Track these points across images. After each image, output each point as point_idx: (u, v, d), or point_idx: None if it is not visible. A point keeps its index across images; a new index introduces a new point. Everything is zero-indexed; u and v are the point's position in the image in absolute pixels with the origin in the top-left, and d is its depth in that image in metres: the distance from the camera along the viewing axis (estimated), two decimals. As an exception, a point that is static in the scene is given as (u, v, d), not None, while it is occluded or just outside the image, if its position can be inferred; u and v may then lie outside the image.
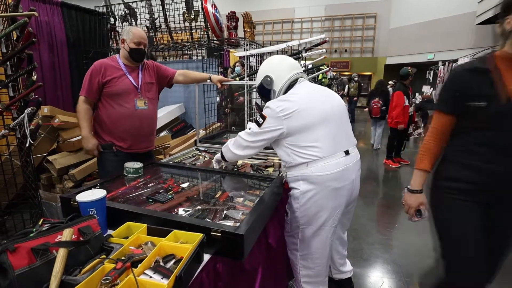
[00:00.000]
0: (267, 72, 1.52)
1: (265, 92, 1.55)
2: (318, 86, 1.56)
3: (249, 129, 1.47)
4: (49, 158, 2.45)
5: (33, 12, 1.71)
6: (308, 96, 1.43)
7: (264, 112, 1.42)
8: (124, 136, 1.83)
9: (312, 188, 1.38)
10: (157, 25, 3.50)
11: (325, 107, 1.42)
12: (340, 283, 1.91)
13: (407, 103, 4.58)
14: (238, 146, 1.50)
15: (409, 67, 4.62)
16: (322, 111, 1.39)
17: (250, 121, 2.66)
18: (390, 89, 11.92)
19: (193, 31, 3.49)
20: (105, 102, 1.81)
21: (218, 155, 1.65)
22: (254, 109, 2.72)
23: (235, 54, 3.55)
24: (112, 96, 1.79)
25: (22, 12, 1.81)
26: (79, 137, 2.54)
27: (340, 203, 1.43)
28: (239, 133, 1.52)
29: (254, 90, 2.46)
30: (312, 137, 1.37)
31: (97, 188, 1.20)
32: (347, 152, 1.41)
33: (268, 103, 1.43)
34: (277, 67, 1.52)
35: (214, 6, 3.20)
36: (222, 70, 4.29)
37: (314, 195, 1.38)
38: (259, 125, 1.42)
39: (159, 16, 3.45)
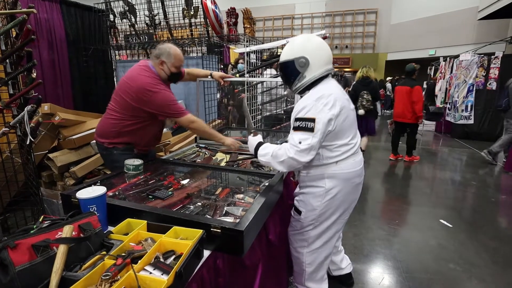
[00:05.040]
0: (305, 52, 1.33)
1: (291, 71, 1.36)
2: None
3: (299, 142, 1.26)
4: (50, 155, 2.45)
5: (31, 9, 1.71)
6: (343, 94, 1.39)
7: (309, 113, 1.26)
8: (145, 144, 1.87)
9: (337, 185, 1.39)
10: (157, 21, 3.48)
11: (351, 106, 1.43)
12: (340, 279, 1.92)
13: None
14: (289, 167, 1.33)
15: (414, 64, 4.66)
16: (352, 110, 1.42)
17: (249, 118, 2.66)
18: (389, 85, 11.85)
19: (193, 27, 3.47)
20: (148, 121, 1.75)
21: (252, 149, 1.48)
22: (255, 106, 2.71)
23: (235, 50, 3.53)
24: (156, 117, 1.75)
25: (21, 9, 1.81)
26: (80, 135, 2.55)
27: (357, 197, 1.51)
28: (288, 152, 1.28)
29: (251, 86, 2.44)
30: (350, 135, 1.38)
31: (97, 185, 1.20)
32: (361, 150, 1.49)
33: (305, 103, 1.29)
34: (318, 53, 1.34)
35: (214, 2, 3.18)
36: (222, 67, 4.27)
37: (338, 191, 1.39)
38: (311, 130, 1.25)
39: (158, 13, 3.43)
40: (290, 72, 1.38)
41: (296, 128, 1.29)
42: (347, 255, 1.97)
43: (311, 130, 1.24)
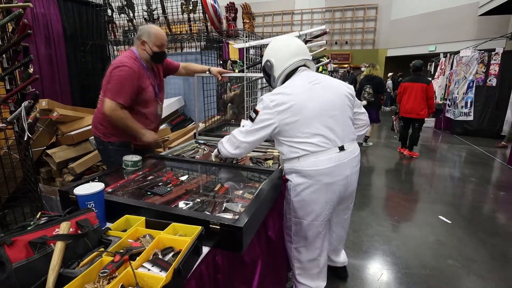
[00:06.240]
0: (269, 55, 1.48)
1: (267, 76, 1.53)
2: (321, 76, 1.45)
3: (243, 126, 1.43)
4: (48, 151, 2.44)
5: (27, 4, 1.68)
6: (306, 89, 1.36)
7: (258, 106, 1.39)
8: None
9: (304, 182, 1.39)
10: (155, 16, 3.44)
11: (322, 101, 1.35)
12: (335, 270, 1.96)
13: None
14: (231, 145, 1.46)
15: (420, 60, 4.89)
16: (317, 107, 1.34)
17: (249, 113, 2.64)
18: (389, 82, 11.79)
19: (192, 22, 3.44)
20: (130, 109, 1.71)
21: (215, 151, 1.61)
22: (254, 102, 2.69)
23: (235, 46, 3.51)
24: (139, 103, 1.72)
25: (17, 3, 1.78)
26: (78, 131, 2.53)
27: (332, 198, 1.42)
28: (233, 131, 1.47)
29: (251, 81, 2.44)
30: (305, 133, 1.33)
31: (96, 181, 1.19)
32: (342, 148, 1.37)
33: (262, 97, 1.40)
34: (279, 52, 1.46)
35: (213, -3, 3.14)
36: (221, 62, 4.24)
37: (305, 188, 1.39)
38: (252, 120, 1.39)
39: (156, 8, 3.40)
40: (266, 76, 1.54)
41: (248, 116, 1.47)
42: (346, 250, 1.99)
43: (252, 120, 1.38)
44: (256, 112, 1.37)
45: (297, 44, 1.46)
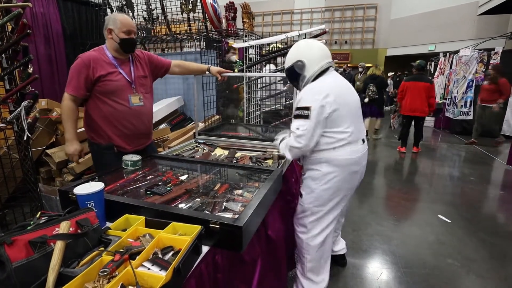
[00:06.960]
0: (300, 56, 1.53)
1: (295, 75, 1.56)
2: (342, 77, 1.61)
3: (297, 128, 1.42)
4: (48, 151, 2.44)
5: (27, 3, 1.69)
6: (339, 86, 1.51)
7: (305, 103, 1.41)
8: (121, 135, 1.70)
9: (334, 170, 1.48)
10: (155, 16, 3.45)
11: (351, 98, 1.52)
12: (334, 259, 2.01)
13: None
14: (295, 154, 1.50)
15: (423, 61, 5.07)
16: (351, 101, 1.50)
17: (248, 113, 2.65)
18: (390, 81, 11.80)
19: (191, 22, 3.44)
20: (97, 100, 1.66)
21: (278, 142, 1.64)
22: (254, 102, 2.70)
23: (234, 45, 3.51)
24: (104, 94, 1.65)
25: (16, 3, 1.78)
26: (78, 131, 2.53)
27: (354, 185, 1.58)
28: (288, 142, 1.48)
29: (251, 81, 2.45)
30: (344, 124, 1.45)
31: (95, 181, 1.19)
32: (363, 141, 1.55)
33: (301, 95, 1.46)
34: (310, 53, 1.53)
35: (212, -3, 3.14)
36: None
37: (334, 177, 1.49)
38: (307, 117, 1.39)
39: (156, 7, 3.40)
40: (293, 76, 1.57)
41: (295, 116, 1.45)
42: (347, 250, 1.99)
43: (307, 117, 1.39)
44: (307, 108, 1.39)
45: (323, 47, 1.56)
